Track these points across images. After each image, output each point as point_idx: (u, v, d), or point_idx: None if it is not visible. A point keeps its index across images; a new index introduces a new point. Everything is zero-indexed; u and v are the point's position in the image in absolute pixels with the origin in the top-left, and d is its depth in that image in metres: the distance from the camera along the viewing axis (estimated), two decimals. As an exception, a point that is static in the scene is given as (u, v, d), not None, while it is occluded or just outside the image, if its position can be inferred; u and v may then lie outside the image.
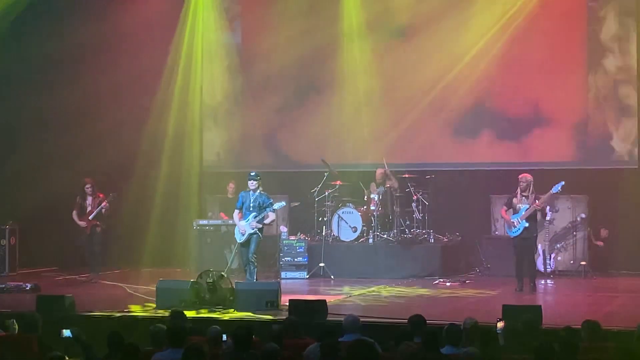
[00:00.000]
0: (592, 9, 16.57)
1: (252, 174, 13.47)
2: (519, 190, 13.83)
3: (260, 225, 13.26)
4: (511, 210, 13.90)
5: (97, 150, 17.15)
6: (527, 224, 13.66)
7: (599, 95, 16.57)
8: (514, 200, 13.86)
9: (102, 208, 15.27)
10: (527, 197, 13.75)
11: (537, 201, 13.74)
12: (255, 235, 13.23)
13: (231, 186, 16.83)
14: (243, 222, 13.29)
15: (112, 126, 17.24)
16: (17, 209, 16.69)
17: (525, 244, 13.81)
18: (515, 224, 13.72)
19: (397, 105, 17.37)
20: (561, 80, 16.68)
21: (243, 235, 13.26)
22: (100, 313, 11.51)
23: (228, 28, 18.52)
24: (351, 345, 6.54)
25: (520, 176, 13.93)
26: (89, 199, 15.38)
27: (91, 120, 17.27)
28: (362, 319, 8.86)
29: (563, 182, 13.79)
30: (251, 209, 13.27)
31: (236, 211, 13.51)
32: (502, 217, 14.18)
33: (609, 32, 16.47)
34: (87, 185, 15.41)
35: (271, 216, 13.44)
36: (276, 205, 13.46)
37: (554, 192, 13.92)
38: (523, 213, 13.66)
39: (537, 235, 14.24)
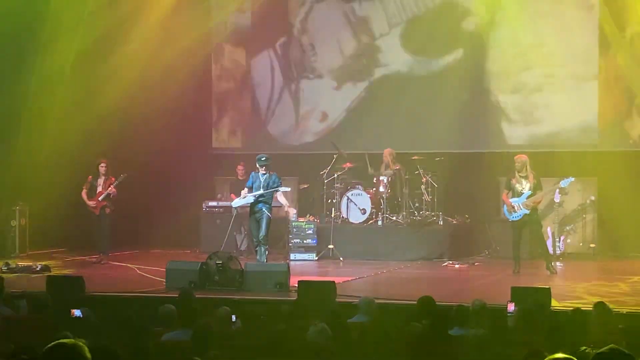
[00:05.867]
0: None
1: (262, 159, 13.43)
2: (516, 171, 13.73)
3: (263, 192, 13.22)
4: (510, 192, 13.83)
5: (105, 130, 17.13)
6: (528, 212, 13.59)
7: (610, 77, 16.49)
8: (512, 181, 13.79)
9: (111, 189, 15.27)
10: (525, 177, 13.64)
11: (540, 192, 13.66)
12: (265, 215, 13.22)
13: (240, 168, 16.84)
14: (248, 194, 13.34)
15: (119, 107, 17.23)
16: (26, 189, 16.71)
17: (529, 226, 13.74)
18: (516, 208, 13.62)
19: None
20: (571, 62, 16.63)
21: (241, 199, 13.29)
22: (110, 293, 11.56)
23: (238, 9, 18.52)
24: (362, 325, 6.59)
25: (515, 157, 13.78)
26: (100, 180, 15.38)
27: (98, 100, 17.22)
28: (370, 300, 8.87)
29: (573, 179, 13.78)
30: (261, 188, 13.29)
31: (245, 189, 13.51)
32: (502, 200, 14.14)
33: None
34: (102, 164, 15.39)
35: (280, 197, 13.45)
36: (280, 189, 13.40)
37: (562, 186, 13.94)
38: (525, 200, 13.58)
39: (538, 216, 14.13)
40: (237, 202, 13.54)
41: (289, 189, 13.93)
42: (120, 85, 17.25)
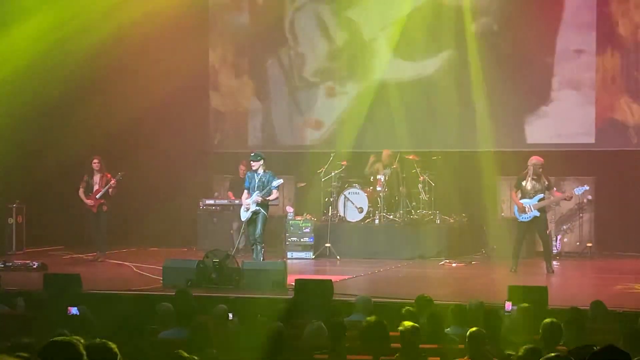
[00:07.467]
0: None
1: (252, 154, 13.46)
2: (530, 172, 13.67)
3: (261, 200, 13.19)
4: (519, 192, 13.79)
5: (103, 128, 17.10)
6: (538, 214, 13.55)
7: (607, 77, 16.50)
8: (523, 182, 13.75)
9: (109, 187, 15.25)
10: (537, 180, 13.60)
11: (554, 191, 13.66)
12: (261, 214, 13.23)
13: (242, 168, 16.83)
14: (248, 200, 13.33)
15: (117, 105, 17.21)
16: (23, 187, 16.70)
17: (536, 227, 13.72)
18: (527, 210, 13.56)
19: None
20: (569, 61, 16.63)
21: (247, 211, 13.29)
22: (106, 291, 11.55)
23: (236, 8, 18.49)
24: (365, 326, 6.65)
25: (534, 159, 13.62)
26: (96, 178, 15.37)
27: (95, 97, 17.20)
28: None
29: (587, 187, 13.81)
30: (256, 188, 13.28)
31: (245, 191, 13.53)
32: (512, 200, 14.10)
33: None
34: (95, 161, 15.39)
35: (274, 194, 13.42)
36: (274, 183, 13.39)
37: (577, 193, 13.91)
38: (537, 202, 13.52)
39: (546, 217, 14.13)
40: (245, 215, 13.49)
41: (281, 181, 13.71)
42: (118, 82, 17.25)
